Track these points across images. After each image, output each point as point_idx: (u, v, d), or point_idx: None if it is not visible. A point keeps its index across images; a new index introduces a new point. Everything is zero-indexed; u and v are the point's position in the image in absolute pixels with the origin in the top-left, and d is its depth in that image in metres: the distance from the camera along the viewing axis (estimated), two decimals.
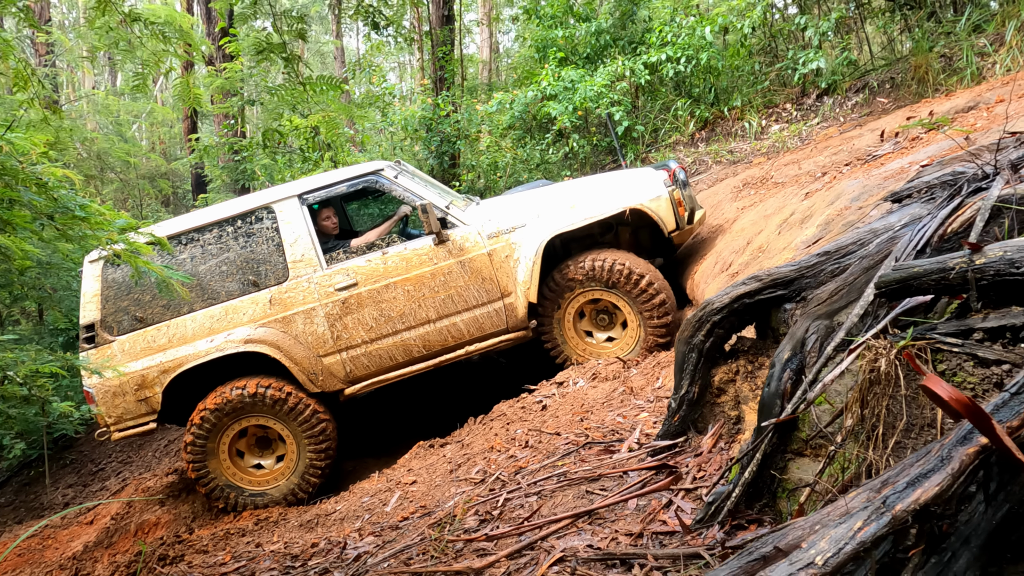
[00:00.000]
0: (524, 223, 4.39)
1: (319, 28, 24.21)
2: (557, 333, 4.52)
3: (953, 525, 1.04)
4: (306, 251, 4.33)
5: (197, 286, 4.30)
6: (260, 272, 4.33)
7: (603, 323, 4.55)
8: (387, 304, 4.31)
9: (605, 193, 4.47)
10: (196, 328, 4.27)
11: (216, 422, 4.24)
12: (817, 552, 0.97)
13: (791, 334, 1.91)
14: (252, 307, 4.28)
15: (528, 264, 4.31)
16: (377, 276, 4.31)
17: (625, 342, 4.46)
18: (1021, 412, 0.99)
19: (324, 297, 4.29)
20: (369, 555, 2.71)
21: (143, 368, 4.24)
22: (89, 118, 15.87)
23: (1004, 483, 1.05)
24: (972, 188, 1.82)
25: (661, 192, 4.42)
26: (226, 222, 4.38)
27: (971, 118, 4.42)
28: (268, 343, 4.24)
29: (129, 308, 4.32)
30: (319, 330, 4.29)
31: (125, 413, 4.29)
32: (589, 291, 4.41)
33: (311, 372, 4.31)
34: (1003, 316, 1.29)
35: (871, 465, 1.28)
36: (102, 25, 2.51)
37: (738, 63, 8.37)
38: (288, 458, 4.34)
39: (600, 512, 2.29)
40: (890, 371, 1.30)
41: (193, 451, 4.25)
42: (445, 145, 9.15)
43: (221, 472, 4.31)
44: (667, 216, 4.41)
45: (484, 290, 4.34)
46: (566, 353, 4.52)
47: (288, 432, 4.31)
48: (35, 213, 2.18)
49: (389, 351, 4.37)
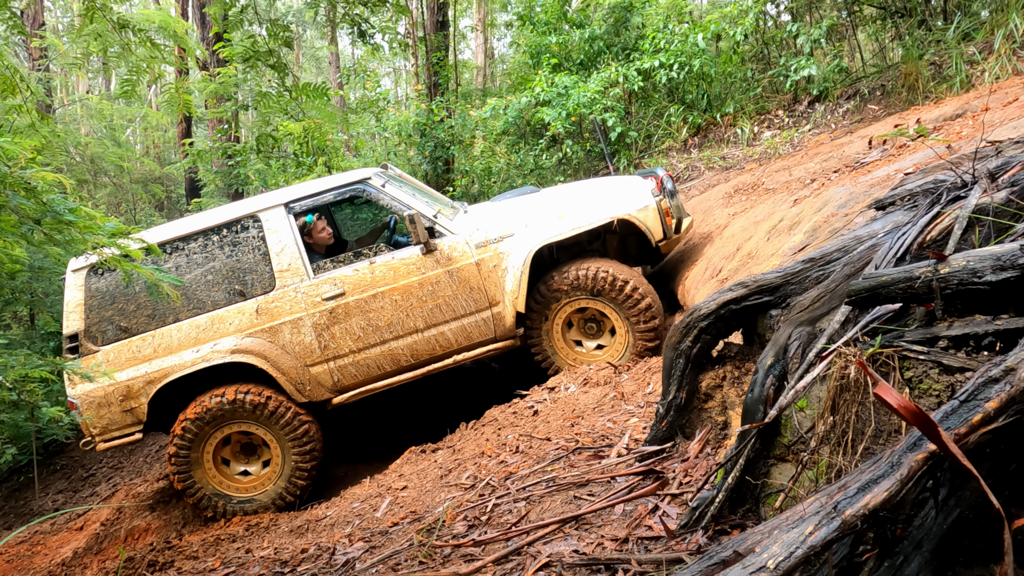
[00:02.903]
0: (512, 232, 4.39)
1: (314, 33, 24.23)
2: (547, 344, 4.52)
3: (906, 530, 1.06)
4: (293, 260, 4.30)
5: (183, 295, 4.25)
6: (246, 281, 4.30)
7: (591, 331, 4.56)
8: (375, 314, 4.29)
9: (593, 203, 4.48)
10: (182, 338, 4.23)
11: (198, 431, 4.22)
12: (769, 556, 0.99)
13: (774, 340, 1.93)
14: (239, 317, 4.25)
15: (516, 274, 4.31)
16: (365, 285, 4.30)
17: (615, 348, 4.47)
18: (969, 419, 1.01)
19: (311, 307, 4.27)
20: (358, 560, 2.71)
21: (128, 379, 4.20)
22: (83, 122, 15.83)
23: (955, 489, 1.07)
24: (951, 196, 1.85)
25: (648, 202, 4.44)
26: (212, 231, 4.34)
27: (958, 126, 4.46)
28: (255, 353, 4.22)
29: (113, 318, 4.27)
30: (306, 340, 4.27)
31: (111, 424, 4.26)
32: (575, 300, 4.42)
33: (298, 382, 4.29)
34: (967, 324, 1.31)
35: (841, 470, 1.30)
36: (91, 32, 2.51)
37: (731, 70, 8.44)
38: (273, 463, 4.33)
39: (587, 517, 2.30)
40: (859, 378, 1.32)
41: (177, 462, 4.23)
42: (439, 150, 9.18)
43: (207, 481, 4.29)
44: (654, 226, 4.43)
45: (472, 299, 4.34)
46: (556, 364, 4.52)
47: (271, 436, 4.30)
48: (22, 217, 2.18)
49: (377, 360, 4.36)
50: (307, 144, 7.74)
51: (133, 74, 2.71)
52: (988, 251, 1.28)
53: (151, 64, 2.77)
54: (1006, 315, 1.28)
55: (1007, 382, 1.04)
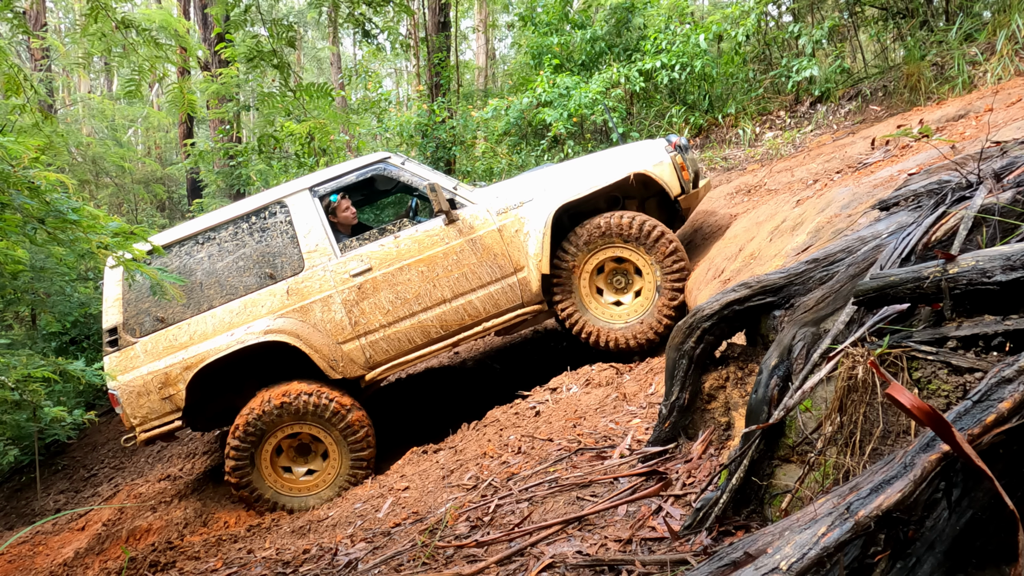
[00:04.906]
0: (531, 197, 4.46)
1: (316, 33, 24.25)
2: (575, 300, 4.50)
3: (919, 531, 1.05)
4: (320, 241, 4.39)
5: (216, 283, 4.37)
6: (276, 265, 4.39)
7: (619, 285, 4.55)
8: (402, 287, 4.35)
9: (609, 163, 4.54)
10: (216, 323, 4.32)
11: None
12: (782, 557, 0.98)
13: (778, 341, 1.92)
14: (270, 299, 4.33)
15: (538, 237, 4.36)
16: (391, 260, 4.37)
17: (645, 296, 4.47)
18: (982, 420, 1.00)
19: (340, 284, 4.34)
20: (360, 561, 2.71)
21: (166, 366, 4.27)
22: (84, 122, 15.85)
23: (968, 490, 1.06)
24: (956, 197, 1.84)
25: (663, 158, 4.49)
26: (241, 219, 4.48)
27: (960, 126, 4.45)
28: (287, 332, 4.28)
29: (150, 309, 4.37)
30: (337, 317, 4.32)
31: (150, 413, 4.31)
32: (604, 248, 4.43)
33: (331, 359, 4.34)
34: (976, 324, 1.30)
35: (849, 471, 1.30)
36: (95, 32, 2.52)
37: (732, 71, 8.43)
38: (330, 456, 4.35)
39: (590, 518, 2.29)
40: (867, 379, 1.31)
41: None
42: (441, 151, 9.18)
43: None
44: (671, 180, 4.46)
45: (497, 266, 4.39)
46: (587, 322, 4.47)
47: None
48: (26, 217, 2.18)
49: (407, 334, 4.40)
50: (308, 145, 7.74)
51: (137, 74, 2.71)
52: (998, 251, 1.28)
53: (155, 64, 2.77)
54: (1016, 315, 1.27)
55: (1020, 382, 1.04)
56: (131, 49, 2.71)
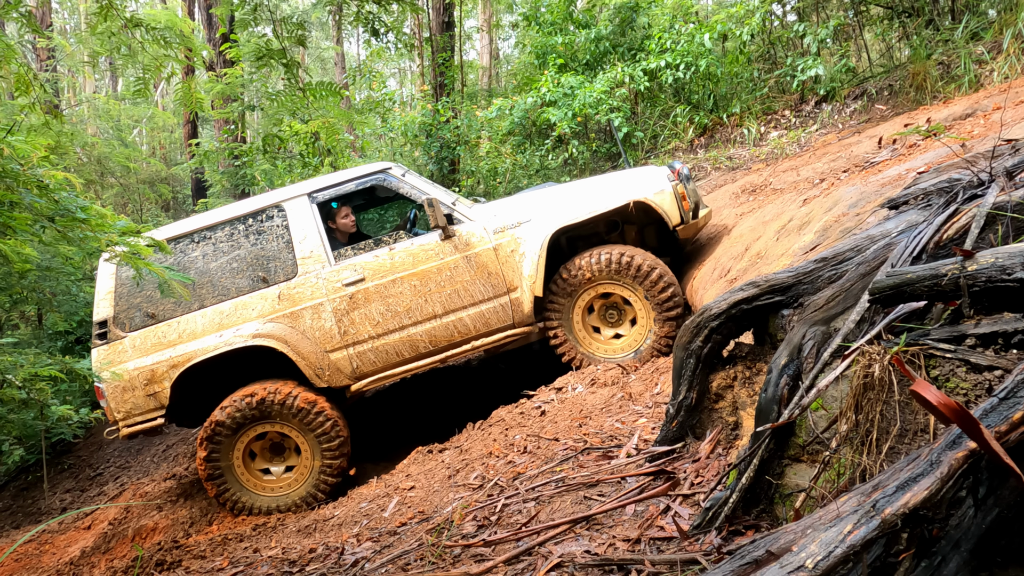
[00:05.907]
0: (529, 218, 4.43)
1: (320, 34, 24.29)
2: (567, 332, 4.49)
3: (943, 529, 1.04)
4: (315, 247, 4.39)
5: (208, 283, 4.36)
6: (270, 268, 4.39)
7: (612, 319, 4.55)
8: (394, 299, 4.34)
9: (609, 188, 4.51)
10: (206, 324, 4.31)
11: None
12: (808, 555, 0.97)
13: (788, 340, 1.91)
14: (261, 303, 4.33)
15: (534, 258, 4.34)
16: (384, 271, 4.35)
17: (637, 332, 4.46)
18: (1009, 417, 1.00)
19: (332, 292, 4.33)
20: (367, 560, 2.70)
21: (153, 363, 4.28)
22: (90, 123, 15.89)
23: (993, 487, 1.05)
24: (968, 195, 1.83)
25: (665, 186, 4.46)
26: (238, 220, 4.46)
27: (968, 125, 4.43)
28: (276, 337, 4.28)
29: (141, 305, 4.37)
30: (326, 325, 4.31)
31: (134, 408, 4.32)
32: (598, 285, 4.42)
33: (318, 367, 4.33)
34: (995, 322, 1.29)
35: (865, 470, 1.29)
36: (104, 31, 2.52)
37: (737, 70, 8.41)
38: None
39: (598, 518, 2.29)
40: (884, 377, 1.30)
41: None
42: (445, 151, 9.18)
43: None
44: (671, 210, 4.44)
45: (490, 285, 4.37)
46: (578, 353, 4.48)
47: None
48: (36, 215, 2.19)
49: (396, 346, 4.39)
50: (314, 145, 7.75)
51: (145, 73, 2.72)
52: (1018, 247, 1.26)
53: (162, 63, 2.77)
54: None
55: None
56: (139, 48, 2.72)
